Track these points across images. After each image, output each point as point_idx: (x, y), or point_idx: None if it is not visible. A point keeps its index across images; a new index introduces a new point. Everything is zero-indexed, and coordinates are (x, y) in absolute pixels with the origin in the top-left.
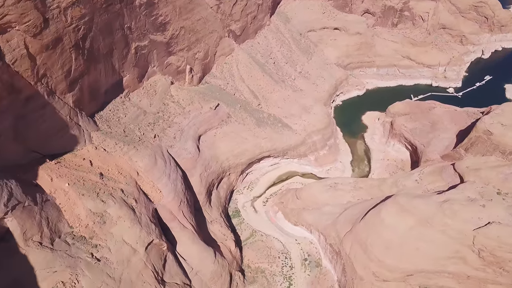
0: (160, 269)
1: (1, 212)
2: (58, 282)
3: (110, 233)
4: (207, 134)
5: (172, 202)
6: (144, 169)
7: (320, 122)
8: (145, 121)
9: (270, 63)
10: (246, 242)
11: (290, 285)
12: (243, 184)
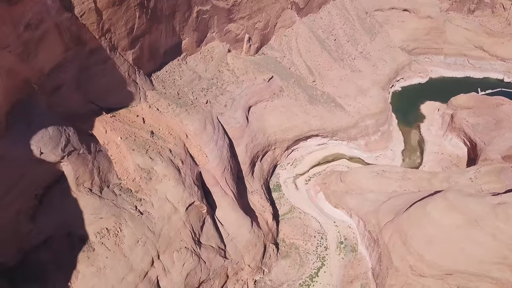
0: (198, 230)
1: (58, 156)
2: (103, 228)
3: (155, 190)
4: (257, 105)
5: (217, 168)
6: (193, 132)
7: (375, 106)
8: (199, 86)
9: (331, 40)
10: (284, 217)
11: (322, 265)
12: (287, 160)
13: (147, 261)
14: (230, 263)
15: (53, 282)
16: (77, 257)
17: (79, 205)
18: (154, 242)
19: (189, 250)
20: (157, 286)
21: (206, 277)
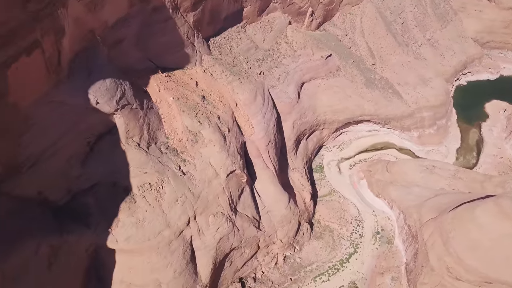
0: (235, 198)
1: (112, 108)
2: (147, 182)
3: (199, 153)
4: (311, 82)
5: (261, 140)
6: (243, 102)
7: (435, 98)
8: (254, 55)
9: (398, 23)
10: (322, 199)
11: (355, 252)
12: (334, 142)
13: (183, 220)
14: (262, 235)
15: (95, 226)
16: (119, 206)
17: (126, 158)
18: (192, 203)
19: (224, 215)
20: (190, 245)
21: (237, 244)
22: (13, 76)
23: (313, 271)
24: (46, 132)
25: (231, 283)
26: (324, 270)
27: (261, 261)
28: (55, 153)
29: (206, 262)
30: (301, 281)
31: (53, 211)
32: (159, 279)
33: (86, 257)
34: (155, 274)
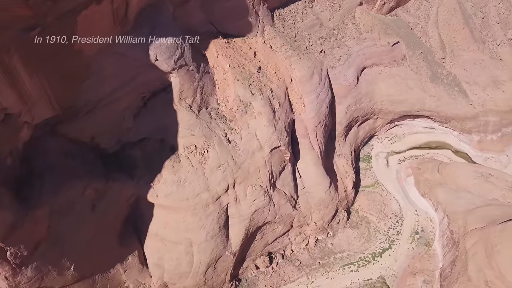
0: (276, 174)
1: (170, 67)
2: (193, 144)
3: (247, 124)
4: (372, 68)
5: (311, 120)
6: (298, 79)
7: (505, 103)
8: (318, 33)
9: (478, 17)
10: (365, 189)
11: (389, 247)
12: (386, 134)
13: (223, 186)
14: (297, 215)
15: (138, 178)
16: (164, 163)
17: (177, 118)
18: (233, 171)
19: (263, 189)
20: (225, 212)
21: (271, 219)
22: (81, 23)
23: (343, 259)
24: (105, 82)
25: (259, 256)
26: (354, 260)
27: (292, 239)
28: (110, 103)
29: (239, 231)
30: (329, 266)
31: (102, 158)
32: (191, 239)
33: (127, 206)
34: (188, 233)
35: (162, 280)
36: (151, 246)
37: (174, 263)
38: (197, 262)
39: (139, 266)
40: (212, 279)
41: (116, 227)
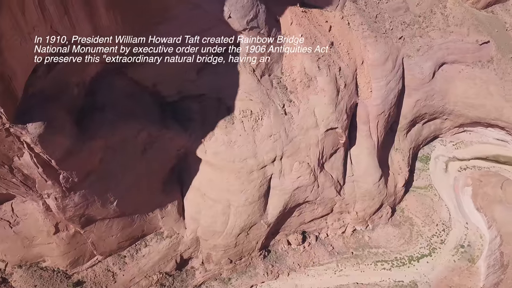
0: (327, 155)
1: (241, 26)
2: (249, 109)
3: (307, 98)
4: (452, 65)
5: (375, 107)
6: (371, 62)
7: None
8: (401, 17)
9: None
10: (416, 190)
11: (429, 255)
12: (452, 138)
13: (270, 156)
14: (340, 201)
15: (191, 131)
16: (218, 122)
17: (238, 79)
18: (283, 144)
19: (310, 167)
20: (268, 182)
21: (313, 199)
22: None
23: (378, 255)
24: (176, 30)
25: (293, 232)
26: (389, 259)
27: (330, 224)
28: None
29: (277, 203)
30: (361, 258)
31: (161, 105)
32: (230, 201)
33: (175, 156)
34: (228, 194)
35: (196, 234)
36: (191, 200)
37: (209, 220)
38: (232, 224)
39: (177, 216)
40: (243, 244)
41: (162, 174)
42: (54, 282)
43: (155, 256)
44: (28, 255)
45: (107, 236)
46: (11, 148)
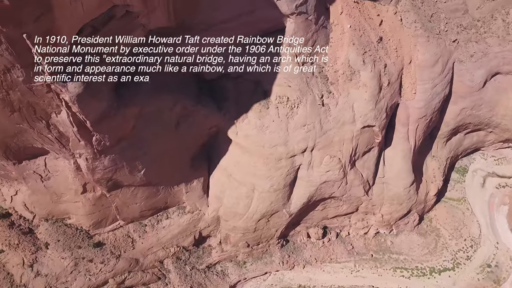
0: (360, 152)
1: (289, 10)
2: (286, 95)
3: (347, 92)
4: (507, 76)
5: (417, 110)
6: (419, 62)
7: None
8: (458, 20)
9: None
10: (448, 201)
11: (452, 269)
12: (495, 152)
13: (301, 147)
14: (367, 201)
15: (225, 111)
16: (253, 105)
17: (279, 63)
18: (316, 135)
19: (340, 163)
20: (295, 172)
21: (339, 195)
22: None
23: (398, 262)
24: (223, 7)
25: (314, 226)
26: (409, 267)
27: (353, 223)
28: (222, 31)
29: (302, 195)
30: (380, 262)
31: (198, 82)
32: (255, 185)
33: (207, 133)
34: (254, 179)
35: (217, 213)
36: (217, 179)
37: (232, 201)
38: (254, 209)
39: (201, 192)
40: (262, 230)
41: (192, 150)
42: (76, 239)
43: (175, 229)
44: (55, 210)
45: (131, 203)
46: (50, 104)
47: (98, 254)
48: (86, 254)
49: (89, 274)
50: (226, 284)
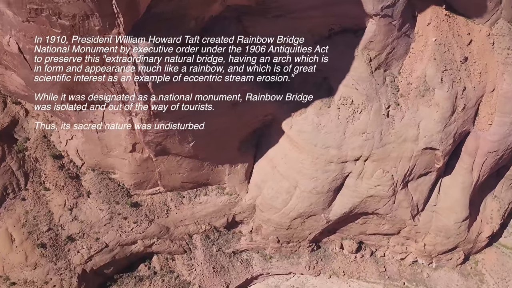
0: (415, 174)
1: (373, 11)
2: (350, 98)
3: (416, 108)
4: None
5: (489, 143)
6: (503, 93)
7: None
8: None
9: None
10: (500, 247)
11: None
12: None
13: (355, 154)
14: (411, 226)
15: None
16: (314, 100)
17: (351, 64)
18: (374, 146)
19: (393, 180)
20: (343, 178)
21: (383, 213)
22: None
23: None
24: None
25: (350, 238)
26: None
27: (391, 245)
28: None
29: (345, 204)
30: None
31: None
32: (298, 183)
33: (261, 120)
34: (299, 176)
35: (254, 201)
36: (261, 167)
37: (271, 194)
38: (291, 206)
39: (243, 177)
40: (296, 229)
41: (243, 133)
42: (116, 194)
43: (211, 207)
44: (103, 162)
45: (175, 172)
46: (118, 58)
47: (133, 213)
48: (122, 210)
49: (121, 231)
50: (248, 274)
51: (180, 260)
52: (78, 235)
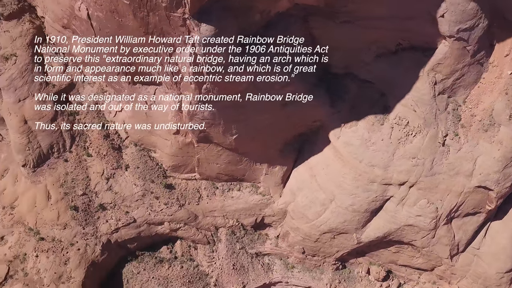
0: (462, 211)
1: (449, 32)
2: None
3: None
4: None
5: None
6: None
7: None
8: None
9: None
10: None
11: None
12: None
13: (400, 178)
14: (447, 265)
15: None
16: (368, 115)
17: (413, 84)
18: (422, 173)
19: (437, 213)
20: (383, 201)
21: (419, 246)
22: None
23: None
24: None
25: (378, 265)
26: None
27: (421, 282)
28: (365, 28)
29: (380, 228)
30: None
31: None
32: (335, 197)
33: (309, 125)
34: (337, 190)
35: (286, 207)
36: (300, 174)
37: (305, 202)
38: (323, 219)
39: (279, 180)
40: (324, 244)
41: (288, 135)
42: (152, 173)
43: (242, 204)
44: (145, 139)
45: (213, 161)
46: (180, 38)
47: (166, 195)
48: (155, 190)
49: (151, 209)
50: (267, 278)
51: (202, 250)
52: (109, 205)
